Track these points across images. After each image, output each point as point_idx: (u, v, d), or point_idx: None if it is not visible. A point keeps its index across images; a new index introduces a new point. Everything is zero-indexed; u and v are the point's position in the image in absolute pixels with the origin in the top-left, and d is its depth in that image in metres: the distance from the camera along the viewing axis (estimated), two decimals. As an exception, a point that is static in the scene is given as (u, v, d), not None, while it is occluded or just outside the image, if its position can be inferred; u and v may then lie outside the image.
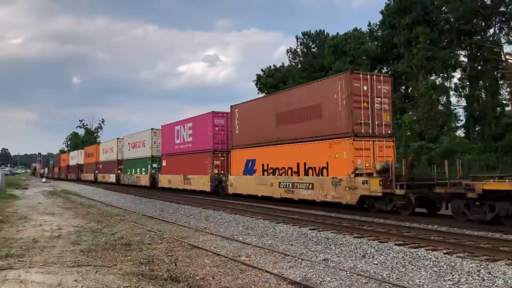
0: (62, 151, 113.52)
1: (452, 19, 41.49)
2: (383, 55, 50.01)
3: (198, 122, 30.84)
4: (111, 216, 18.77)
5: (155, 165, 38.40)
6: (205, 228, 15.56)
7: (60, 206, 23.89)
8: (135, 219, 17.93)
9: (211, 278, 8.60)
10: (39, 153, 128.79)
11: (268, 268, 9.33)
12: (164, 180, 35.86)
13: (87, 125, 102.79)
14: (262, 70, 62.73)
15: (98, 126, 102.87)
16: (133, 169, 42.99)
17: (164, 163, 36.37)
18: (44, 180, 74.94)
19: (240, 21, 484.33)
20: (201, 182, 29.44)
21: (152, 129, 38.78)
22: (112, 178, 49.73)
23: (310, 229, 14.00)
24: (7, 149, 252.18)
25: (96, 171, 56.70)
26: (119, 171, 47.85)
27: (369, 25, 52.92)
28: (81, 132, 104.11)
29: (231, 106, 26.39)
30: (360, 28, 52.04)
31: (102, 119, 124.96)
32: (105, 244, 11.54)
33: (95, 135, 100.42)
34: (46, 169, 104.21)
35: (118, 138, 48.91)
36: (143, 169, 40.31)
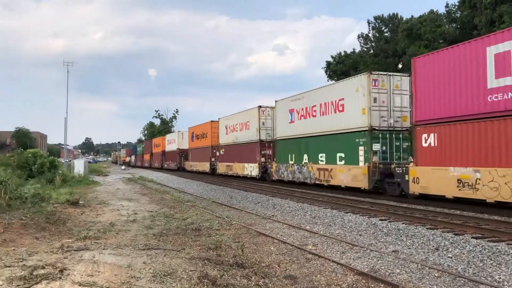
0: (140, 140, 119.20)
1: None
2: (462, 37, 46.89)
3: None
4: (183, 202, 19.43)
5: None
6: (272, 215, 15.62)
7: (137, 192, 25.14)
8: (205, 205, 18.41)
9: (276, 266, 8.60)
10: (119, 142, 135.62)
11: (335, 258, 9.16)
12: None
13: (162, 115, 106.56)
14: (332, 57, 61.52)
15: (172, 116, 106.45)
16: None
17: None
18: (123, 167, 79.28)
19: (311, 9, 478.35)
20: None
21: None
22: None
23: (380, 220, 13.56)
24: (90, 138, 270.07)
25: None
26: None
27: (447, 6, 49.91)
28: (157, 122, 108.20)
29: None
30: (437, 10, 49.33)
31: (176, 109, 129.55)
32: (176, 228, 11.93)
33: (169, 124, 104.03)
34: (132, 157, 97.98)
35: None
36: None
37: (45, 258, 7.36)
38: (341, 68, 58.27)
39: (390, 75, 20.10)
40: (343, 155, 21.11)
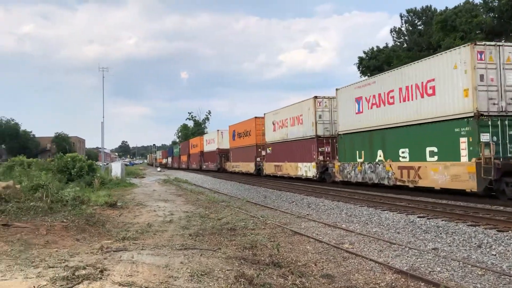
0: (175, 142, 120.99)
1: None
2: (501, 27, 45.38)
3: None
4: (218, 202, 19.57)
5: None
6: (307, 214, 15.51)
7: (173, 193, 25.49)
8: (239, 205, 18.47)
9: (313, 265, 8.53)
10: (154, 144, 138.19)
11: (373, 257, 9.00)
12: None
13: (195, 117, 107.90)
14: (364, 52, 60.67)
15: (205, 117, 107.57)
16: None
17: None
18: (159, 169, 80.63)
19: (342, 5, 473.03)
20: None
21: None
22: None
23: (418, 217, 13.24)
24: (126, 142, 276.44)
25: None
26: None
27: (484, -5, 48.28)
28: (190, 124, 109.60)
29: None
30: (473, 0, 47.74)
31: (209, 110, 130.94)
32: (212, 228, 12.02)
33: (202, 126, 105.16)
34: (169, 159, 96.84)
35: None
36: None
37: (86, 259, 7.56)
38: (374, 63, 57.40)
39: (499, 45, 15.97)
40: (435, 149, 17.16)
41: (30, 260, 7.43)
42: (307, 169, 28.32)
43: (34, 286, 5.74)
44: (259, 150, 38.40)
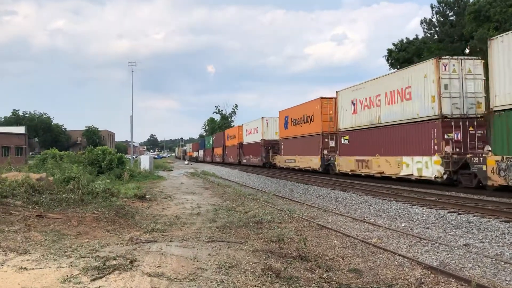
0: (202, 135, 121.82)
1: None
2: (539, 16, 43.67)
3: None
4: (245, 195, 19.63)
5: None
6: (335, 209, 15.41)
7: (200, 186, 25.73)
8: (266, 198, 18.49)
9: (340, 259, 8.47)
10: (181, 138, 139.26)
11: (402, 252, 8.88)
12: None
13: (222, 110, 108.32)
14: (393, 44, 59.41)
15: (232, 111, 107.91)
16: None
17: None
18: (186, 162, 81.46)
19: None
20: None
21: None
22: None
23: (449, 212, 12.97)
24: (154, 135, 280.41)
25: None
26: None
27: (519, -17, 46.57)
28: (217, 117, 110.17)
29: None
30: (509, -12, 46.08)
31: (235, 104, 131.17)
32: (239, 222, 12.07)
33: (229, 120, 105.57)
34: (200, 152, 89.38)
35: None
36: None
37: (116, 249, 7.72)
38: (403, 55, 56.11)
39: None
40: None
41: (63, 250, 7.64)
42: (428, 166, 19.15)
43: (67, 275, 5.90)
44: (326, 140, 30.49)
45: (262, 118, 45.85)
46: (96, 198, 14.56)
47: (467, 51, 46.12)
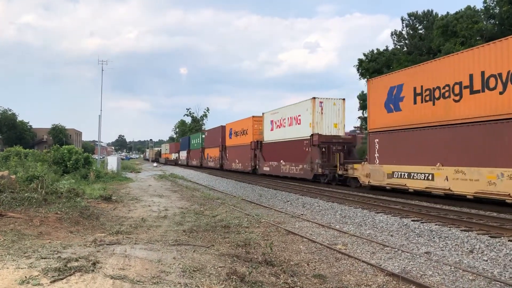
0: (172, 138, 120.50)
1: None
2: (501, 34, 45.34)
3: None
4: (213, 199, 19.57)
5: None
6: (302, 214, 15.54)
7: (168, 189, 25.48)
8: (234, 203, 18.49)
9: (305, 265, 8.56)
10: (151, 139, 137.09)
11: (365, 258, 9.03)
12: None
13: (193, 113, 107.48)
14: (364, 55, 60.58)
15: (203, 114, 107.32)
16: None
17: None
18: (155, 164, 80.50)
19: (343, 6, 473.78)
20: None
21: None
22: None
23: (412, 220, 13.28)
24: (123, 136, 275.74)
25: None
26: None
27: (485, 2, 48.37)
28: (188, 120, 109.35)
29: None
30: (474, 6, 47.78)
31: (207, 107, 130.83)
32: (206, 225, 12.02)
33: (200, 123, 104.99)
34: (182, 154, 70.57)
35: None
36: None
37: (78, 251, 7.55)
38: (373, 66, 57.27)
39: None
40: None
41: (22, 250, 7.42)
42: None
43: (26, 276, 5.73)
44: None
45: (314, 98, 39.83)
46: (60, 198, 14.22)
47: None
